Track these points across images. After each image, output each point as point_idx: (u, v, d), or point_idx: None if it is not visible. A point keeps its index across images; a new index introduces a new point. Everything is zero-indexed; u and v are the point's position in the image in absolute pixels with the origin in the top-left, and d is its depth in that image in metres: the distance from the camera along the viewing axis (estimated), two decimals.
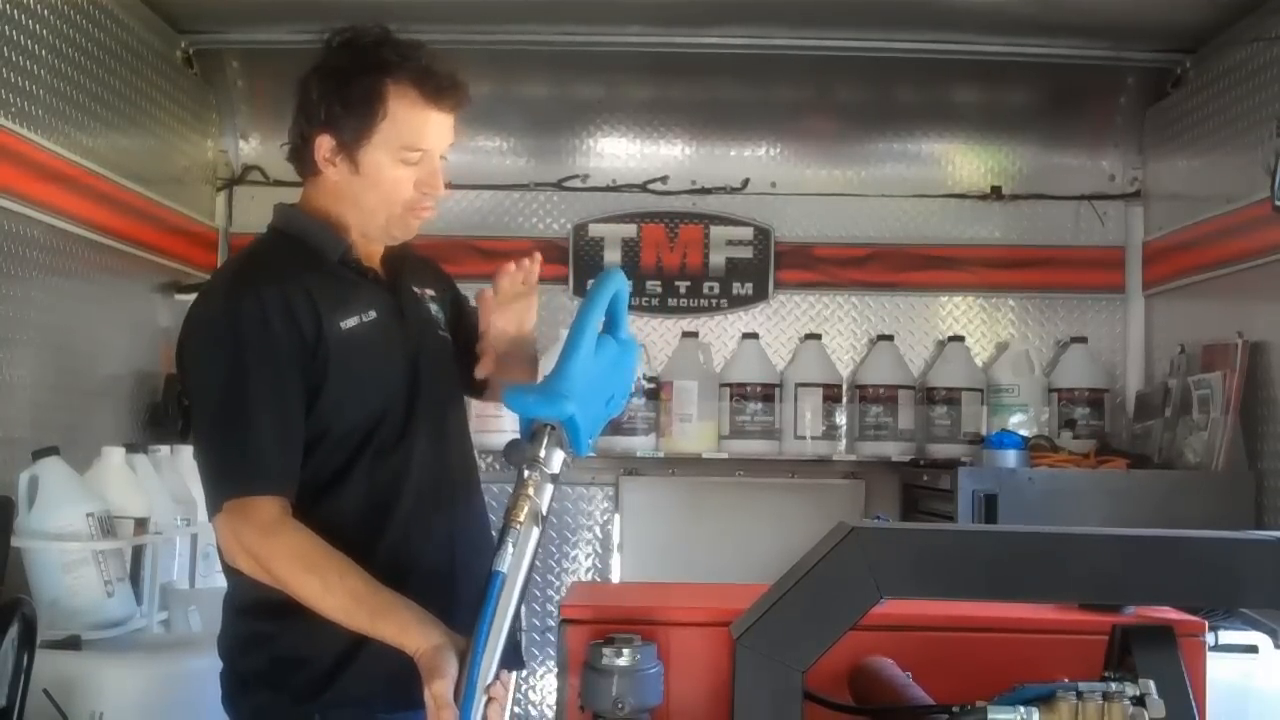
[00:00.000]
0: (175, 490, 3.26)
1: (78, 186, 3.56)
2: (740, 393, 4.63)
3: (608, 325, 2.05)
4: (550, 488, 1.88)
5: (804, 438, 4.63)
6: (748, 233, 4.87)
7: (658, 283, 4.85)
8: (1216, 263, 4.13)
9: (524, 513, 1.83)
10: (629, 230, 4.86)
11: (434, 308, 2.32)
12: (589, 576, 4.79)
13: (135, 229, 3.99)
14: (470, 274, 2.58)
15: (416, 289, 2.30)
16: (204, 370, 2.11)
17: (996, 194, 4.89)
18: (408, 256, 2.31)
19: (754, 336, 4.75)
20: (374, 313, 2.16)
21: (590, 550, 4.81)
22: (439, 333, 2.30)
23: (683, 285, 4.87)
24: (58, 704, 2.53)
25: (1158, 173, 4.75)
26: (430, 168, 2.16)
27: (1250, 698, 2.84)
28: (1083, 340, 4.76)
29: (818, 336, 4.77)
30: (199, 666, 2.41)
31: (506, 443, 1.91)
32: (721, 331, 4.85)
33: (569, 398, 1.88)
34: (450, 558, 2.19)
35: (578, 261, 4.83)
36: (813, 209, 4.88)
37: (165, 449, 3.43)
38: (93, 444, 3.15)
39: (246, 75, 4.69)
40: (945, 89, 4.82)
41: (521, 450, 1.88)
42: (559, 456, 1.88)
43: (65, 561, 2.79)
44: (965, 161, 4.95)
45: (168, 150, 4.36)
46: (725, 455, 4.64)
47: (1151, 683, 1.49)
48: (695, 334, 4.78)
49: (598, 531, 4.81)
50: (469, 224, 4.80)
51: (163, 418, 4.03)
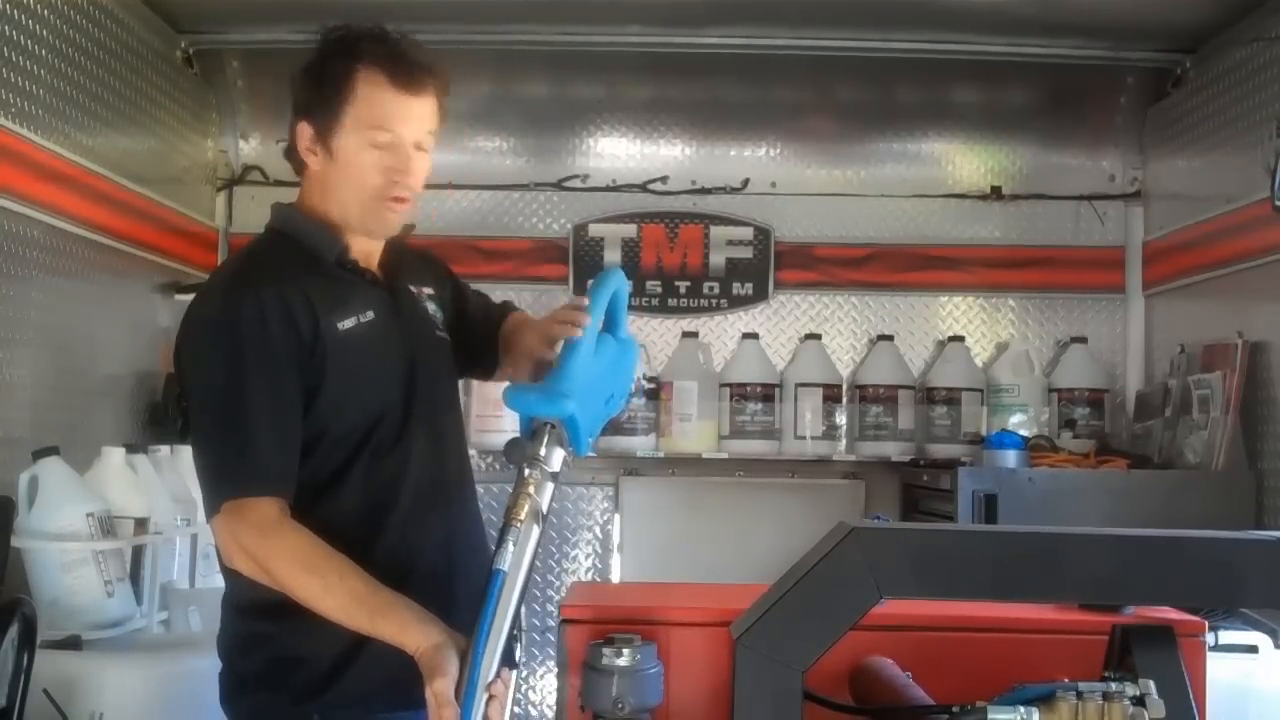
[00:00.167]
0: (175, 490, 3.25)
1: (78, 186, 3.56)
2: (740, 393, 4.63)
3: (607, 324, 2.05)
4: (551, 486, 1.88)
5: (804, 438, 4.62)
6: (748, 233, 4.87)
7: (658, 283, 4.85)
8: (1216, 263, 4.13)
9: (524, 511, 1.84)
10: (629, 230, 4.86)
11: (432, 307, 2.32)
12: (589, 576, 4.79)
13: (135, 229, 3.99)
14: (470, 274, 2.57)
15: (415, 288, 2.30)
16: (202, 371, 2.11)
17: (996, 194, 4.88)
18: (406, 256, 2.31)
19: (754, 336, 4.75)
20: (371, 313, 2.16)
21: (590, 550, 4.81)
22: (437, 333, 2.30)
23: (683, 285, 4.86)
24: (58, 704, 2.53)
25: (1158, 173, 4.74)
26: (400, 154, 2.14)
27: (1250, 698, 2.84)
28: (1083, 340, 4.76)
29: (818, 336, 4.77)
30: (199, 666, 2.41)
31: (507, 441, 1.91)
32: (721, 331, 4.84)
33: (569, 396, 1.88)
34: (448, 558, 2.19)
35: (578, 261, 4.83)
36: (813, 209, 4.88)
37: (165, 449, 3.43)
38: (93, 444, 3.14)
39: (246, 75, 4.69)
40: (945, 89, 4.82)
41: (522, 449, 1.88)
42: (559, 455, 1.89)
43: (65, 561, 2.79)
44: (965, 161, 4.95)
45: (168, 150, 4.36)
46: (725, 455, 4.63)
47: (1151, 683, 1.49)
48: (695, 334, 4.77)
49: (598, 531, 4.81)
50: (469, 224, 4.81)
51: (163, 418, 4.02)
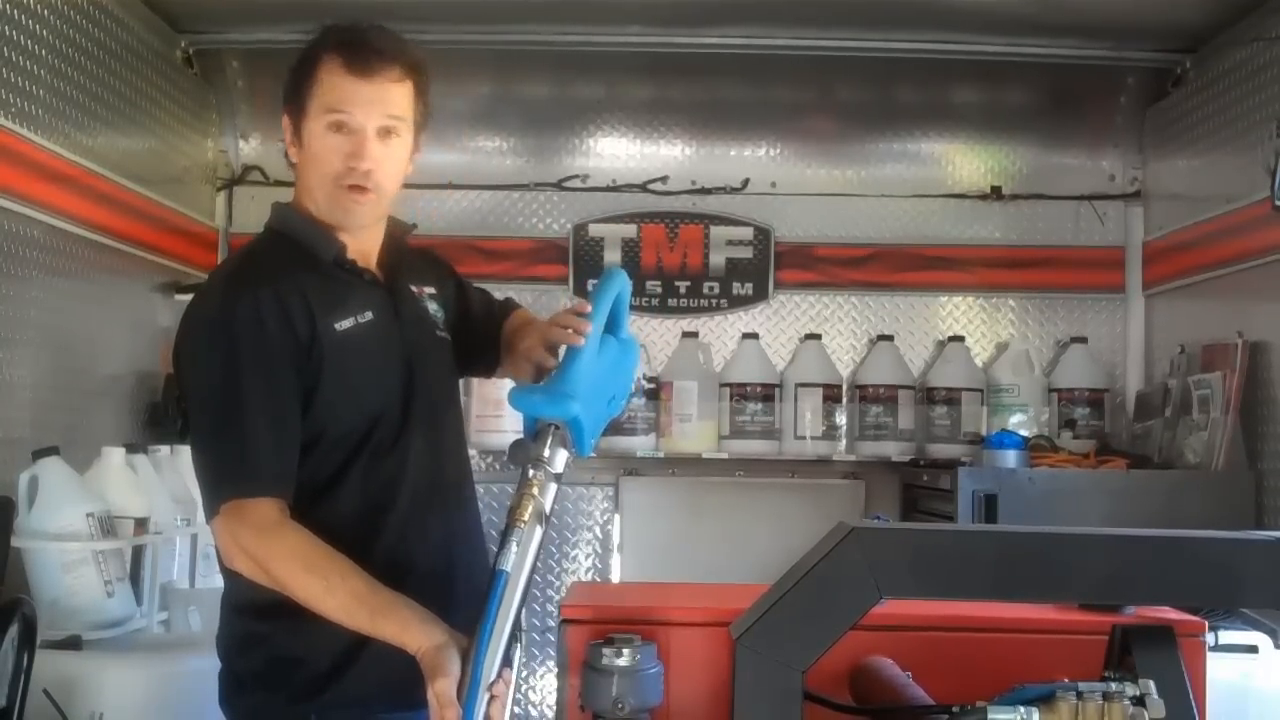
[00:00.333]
0: (175, 490, 3.26)
1: (78, 186, 3.56)
2: (740, 393, 4.62)
3: (609, 325, 2.06)
4: (554, 487, 1.89)
5: (804, 438, 4.62)
6: (748, 233, 4.87)
7: (658, 283, 4.85)
8: (1216, 263, 4.13)
9: (528, 512, 1.84)
10: (629, 230, 4.86)
11: (433, 306, 2.31)
12: (589, 576, 4.78)
13: (135, 229, 3.99)
14: (471, 274, 2.57)
15: (415, 288, 2.29)
16: (200, 372, 2.11)
17: (996, 194, 4.88)
18: (407, 255, 2.30)
19: (754, 336, 4.74)
20: (370, 314, 2.16)
21: (590, 550, 4.81)
22: (437, 333, 2.30)
23: (683, 285, 4.86)
24: (58, 704, 2.53)
25: (1158, 173, 4.74)
26: (356, 140, 2.12)
27: (1250, 698, 2.84)
28: (1083, 340, 4.76)
29: (818, 336, 4.77)
30: (199, 666, 2.41)
31: (511, 442, 1.92)
32: (721, 331, 4.84)
33: (574, 398, 1.89)
34: (447, 559, 2.19)
35: (578, 261, 4.83)
36: (813, 209, 4.87)
37: (165, 449, 3.43)
38: (93, 444, 3.15)
39: (246, 75, 4.69)
40: (945, 89, 4.82)
41: (526, 450, 1.89)
42: (563, 456, 1.89)
43: (65, 561, 2.79)
44: (965, 161, 4.95)
45: (168, 150, 4.36)
46: (725, 455, 4.63)
47: (1151, 683, 1.49)
48: (695, 334, 4.77)
49: (598, 531, 4.81)
50: (469, 224, 4.81)
51: (163, 418, 4.02)
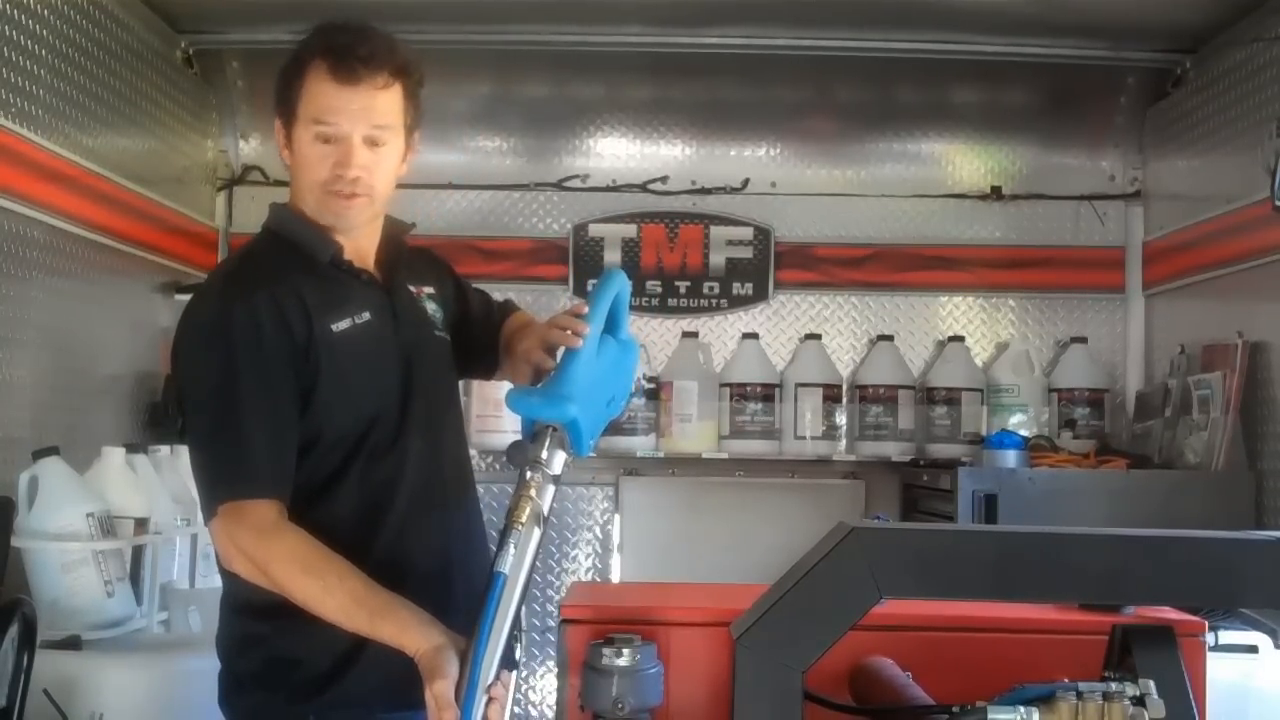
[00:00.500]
0: (175, 490, 3.25)
1: (78, 186, 3.56)
2: (740, 393, 4.62)
3: (609, 326, 2.05)
4: (552, 489, 1.88)
5: (804, 438, 4.62)
6: (748, 233, 4.87)
7: (658, 283, 4.85)
8: (1216, 263, 4.13)
9: (526, 514, 1.84)
10: (629, 230, 4.86)
11: (432, 306, 2.30)
12: (589, 576, 4.79)
13: (135, 229, 3.99)
14: (470, 274, 2.57)
15: (414, 288, 2.28)
16: (197, 374, 2.11)
17: (996, 194, 4.88)
18: (405, 255, 2.29)
19: (754, 336, 4.74)
20: (367, 314, 2.15)
21: (590, 550, 4.81)
22: (436, 333, 2.29)
23: (683, 285, 4.86)
24: (58, 704, 2.53)
25: (1158, 173, 4.74)
26: (342, 148, 2.11)
27: (1250, 698, 2.84)
28: (1083, 340, 4.76)
29: (818, 336, 4.76)
30: (199, 666, 2.40)
31: (509, 444, 1.91)
32: (721, 331, 4.84)
33: (572, 400, 1.88)
34: (445, 560, 2.18)
35: (578, 261, 4.83)
36: (813, 209, 4.87)
37: (165, 449, 3.43)
38: (93, 444, 3.14)
39: (246, 75, 4.68)
40: (945, 89, 4.82)
41: (524, 451, 1.88)
42: (561, 458, 1.89)
43: (65, 561, 2.79)
44: (965, 161, 4.95)
45: (168, 150, 4.36)
46: (725, 455, 4.63)
47: (1151, 683, 1.49)
48: (695, 334, 4.77)
49: (598, 531, 4.81)
50: (469, 224, 4.81)
51: (163, 418, 4.02)
